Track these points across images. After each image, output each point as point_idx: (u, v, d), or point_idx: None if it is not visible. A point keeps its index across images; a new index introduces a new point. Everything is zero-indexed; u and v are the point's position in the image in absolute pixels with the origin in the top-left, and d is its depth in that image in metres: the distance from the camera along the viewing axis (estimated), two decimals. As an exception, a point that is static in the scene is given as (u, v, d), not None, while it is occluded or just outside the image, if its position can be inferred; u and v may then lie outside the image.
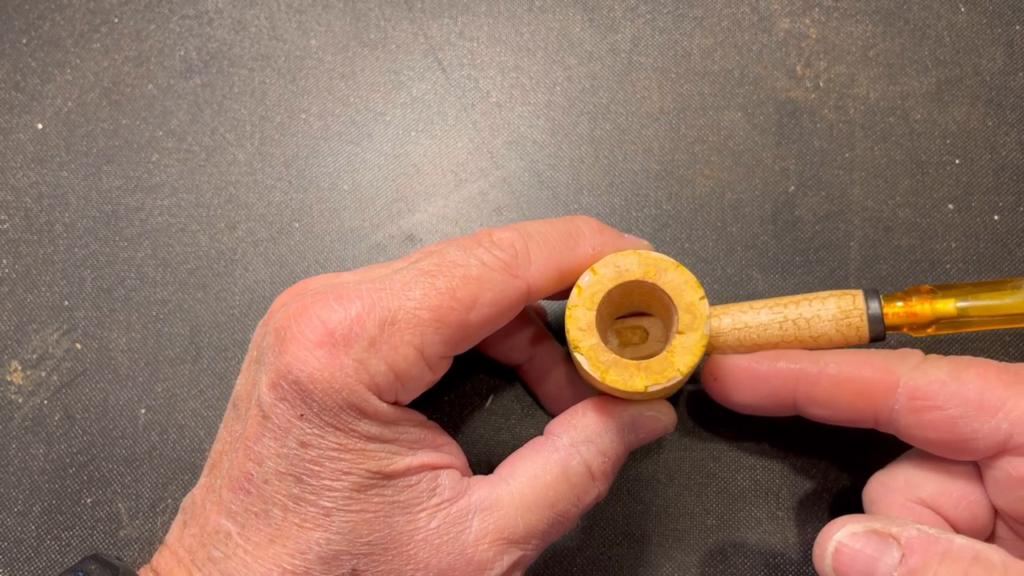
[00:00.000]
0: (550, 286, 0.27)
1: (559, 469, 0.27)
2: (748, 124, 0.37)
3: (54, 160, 0.37)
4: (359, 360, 0.24)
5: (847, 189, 0.37)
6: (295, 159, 0.37)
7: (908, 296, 0.30)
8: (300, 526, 0.24)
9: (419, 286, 0.25)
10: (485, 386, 0.35)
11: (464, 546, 0.25)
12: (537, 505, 0.26)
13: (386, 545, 0.25)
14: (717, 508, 0.34)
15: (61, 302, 0.36)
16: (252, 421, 0.25)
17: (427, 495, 0.25)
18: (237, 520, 0.25)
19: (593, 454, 0.27)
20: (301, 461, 0.24)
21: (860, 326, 0.29)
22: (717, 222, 0.36)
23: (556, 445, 0.27)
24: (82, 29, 0.39)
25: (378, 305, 0.24)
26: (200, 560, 0.25)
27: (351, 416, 0.24)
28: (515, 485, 0.26)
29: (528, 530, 0.26)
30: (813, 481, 0.34)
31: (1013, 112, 0.37)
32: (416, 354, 0.25)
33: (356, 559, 0.24)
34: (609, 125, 0.38)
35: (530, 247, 0.26)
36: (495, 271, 0.25)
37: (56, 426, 0.34)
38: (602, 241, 0.28)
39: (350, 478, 0.24)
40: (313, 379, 0.24)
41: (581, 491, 0.27)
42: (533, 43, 0.38)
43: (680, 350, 0.26)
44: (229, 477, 0.25)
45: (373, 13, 0.39)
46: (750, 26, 0.38)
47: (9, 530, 0.33)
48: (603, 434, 0.28)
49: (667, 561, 0.33)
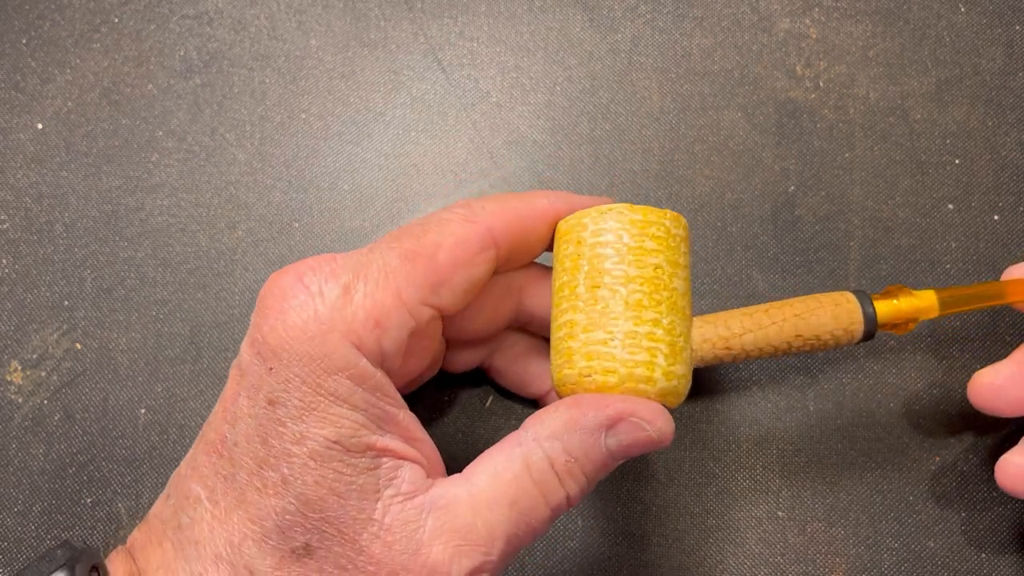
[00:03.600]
0: (512, 232, 0.27)
1: (520, 464, 0.25)
2: (748, 124, 0.37)
3: (54, 160, 0.37)
4: (333, 308, 0.24)
5: (847, 189, 0.37)
6: (295, 159, 0.37)
7: (893, 295, 0.30)
8: (262, 491, 0.24)
9: (384, 243, 0.26)
10: (485, 386, 0.35)
11: (418, 546, 0.24)
12: (496, 503, 0.24)
13: (340, 527, 0.24)
14: (717, 508, 0.34)
15: (61, 302, 0.36)
16: (231, 382, 0.25)
17: (384, 484, 0.24)
18: (207, 484, 0.24)
19: (557, 451, 0.25)
20: (268, 421, 0.24)
21: (853, 327, 0.29)
22: (717, 222, 0.36)
23: (519, 439, 0.25)
24: (82, 29, 0.39)
25: (350, 259, 0.25)
26: (171, 528, 0.24)
27: (322, 370, 0.24)
28: (475, 482, 0.25)
29: (488, 531, 0.24)
30: (813, 481, 0.34)
31: (1013, 112, 0.37)
32: (394, 297, 0.25)
33: (309, 534, 0.23)
34: (609, 125, 0.38)
35: (484, 201, 0.28)
36: (453, 220, 0.27)
37: (56, 426, 0.34)
38: (557, 196, 0.29)
39: (309, 444, 0.24)
40: (286, 326, 0.24)
41: (546, 490, 0.25)
42: (533, 43, 0.38)
43: None
44: (205, 441, 0.25)
45: (373, 13, 0.39)
46: (750, 26, 0.38)
47: (9, 530, 0.33)
48: (572, 432, 0.25)
49: (667, 561, 0.33)
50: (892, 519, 0.34)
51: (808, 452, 0.34)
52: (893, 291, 0.30)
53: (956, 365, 0.35)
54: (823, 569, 0.33)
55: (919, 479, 0.34)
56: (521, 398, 0.34)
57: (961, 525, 0.34)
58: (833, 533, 0.33)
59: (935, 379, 0.35)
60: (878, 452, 0.34)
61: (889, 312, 0.29)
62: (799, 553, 0.33)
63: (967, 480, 0.34)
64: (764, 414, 0.35)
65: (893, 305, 0.30)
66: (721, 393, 0.35)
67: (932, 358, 0.35)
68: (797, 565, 0.33)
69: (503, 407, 0.35)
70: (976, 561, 0.33)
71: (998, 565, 0.33)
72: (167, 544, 0.24)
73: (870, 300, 0.29)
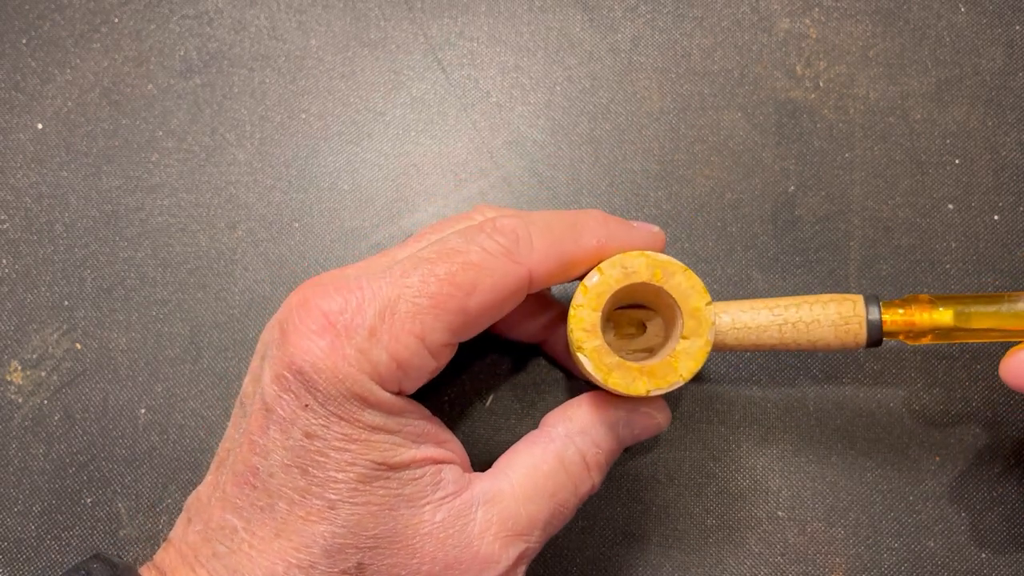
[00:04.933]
0: (553, 274, 0.27)
1: (555, 459, 0.27)
2: (748, 124, 0.37)
3: (54, 160, 0.37)
4: (360, 349, 0.24)
5: (847, 189, 0.37)
6: (295, 159, 0.37)
7: (907, 304, 0.30)
8: (305, 519, 0.24)
9: (418, 273, 0.25)
10: (485, 386, 0.35)
11: (470, 539, 0.25)
12: (537, 495, 0.27)
13: (392, 538, 0.25)
14: (717, 508, 0.34)
15: (61, 302, 0.36)
16: (256, 415, 0.25)
17: (431, 489, 0.26)
18: (242, 515, 0.25)
19: (587, 444, 0.28)
20: (306, 452, 0.24)
21: (859, 332, 0.29)
22: (717, 222, 0.36)
23: (552, 436, 0.28)
24: (82, 29, 0.39)
25: (378, 295, 0.25)
26: (204, 556, 0.25)
27: (355, 406, 0.24)
28: (514, 477, 0.27)
29: (530, 521, 0.26)
30: (813, 481, 0.34)
31: (1013, 112, 0.37)
32: (417, 342, 0.25)
33: (361, 552, 0.24)
34: (609, 125, 0.38)
35: (532, 234, 0.26)
36: (496, 257, 0.25)
37: (56, 426, 0.34)
38: (607, 233, 0.27)
39: (355, 469, 0.24)
40: (317, 368, 0.24)
41: (578, 481, 0.28)
42: (533, 43, 0.38)
43: (684, 356, 0.26)
44: (234, 472, 0.25)
45: (373, 13, 0.39)
46: (750, 26, 0.38)
47: (9, 530, 0.33)
48: (597, 426, 0.28)
49: (667, 561, 0.33)
50: (892, 519, 0.34)
51: (808, 452, 0.34)
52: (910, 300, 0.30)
53: (956, 365, 0.35)
54: (823, 569, 0.33)
55: (919, 479, 0.34)
56: (520, 399, 0.34)
57: (961, 525, 0.34)
58: (833, 533, 0.33)
59: (935, 379, 0.35)
60: (878, 452, 0.34)
61: (896, 322, 0.29)
62: (799, 553, 0.33)
63: (967, 480, 0.34)
64: (764, 414, 0.35)
65: (900, 315, 0.29)
66: (721, 393, 0.35)
67: (932, 358, 0.35)
68: (797, 565, 0.33)
69: (503, 407, 0.35)
70: (976, 561, 0.33)
71: (998, 565, 0.33)
72: (201, 571, 0.25)
73: (879, 306, 0.29)
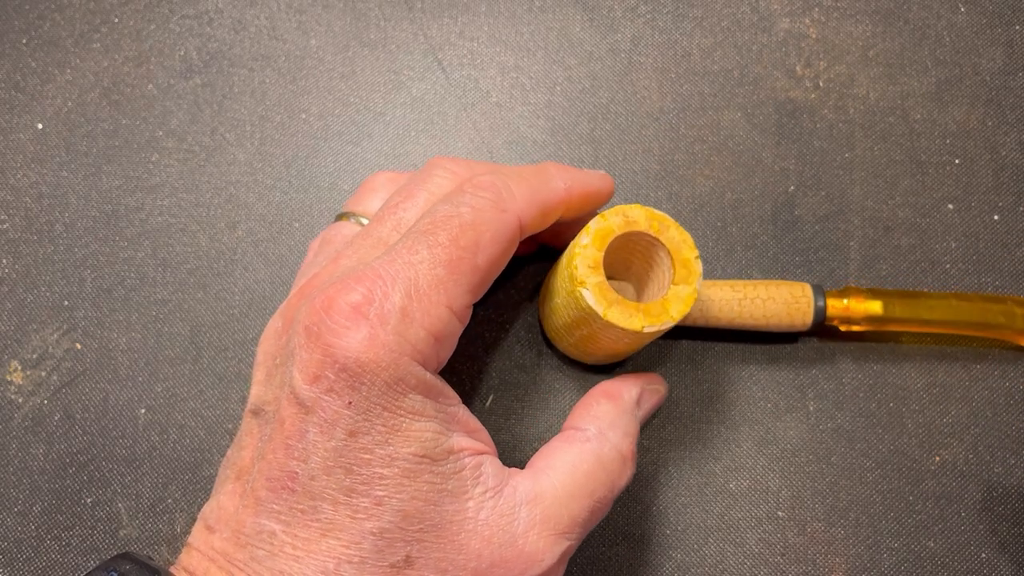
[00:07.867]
0: (535, 220, 0.28)
1: (594, 458, 0.28)
2: (748, 124, 0.37)
3: (54, 160, 0.37)
4: (398, 332, 0.24)
5: (847, 189, 0.37)
6: (295, 159, 0.37)
7: (846, 295, 0.33)
8: (353, 517, 0.24)
9: (424, 246, 0.26)
10: (485, 386, 0.35)
11: (514, 537, 0.26)
12: (579, 494, 0.27)
13: (438, 532, 0.25)
14: (717, 508, 0.34)
15: (61, 302, 0.36)
16: (290, 420, 0.25)
17: (472, 483, 0.26)
18: (280, 519, 0.25)
19: (619, 436, 0.29)
20: (350, 451, 0.24)
21: (807, 312, 0.33)
22: (717, 222, 0.36)
23: (587, 436, 0.29)
24: (82, 29, 0.39)
25: (398, 276, 0.25)
26: (240, 561, 0.25)
27: (398, 392, 0.24)
28: (556, 477, 0.27)
29: (572, 520, 0.27)
30: (813, 481, 0.34)
31: (1013, 112, 0.37)
32: (447, 311, 0.25)
33: (409, 546, 0.24)
34: (609, 125, 0.38)
35: (511, 184, 0.28)
36: (487, 211, 0.27)
37: (56, 426, 0.34)
38: (570, 177, 0.29)
39: (399, 463, 0.24)
40: (360, 362, 0.24)
41: (616, 476, 0.29)
42: (533, 43, 0.38)
43: (675, 299, 0.29)
44: (268, 479, 0.25)
45: (373, 13, 0.39)
46: (750, 26, 0.38)
47: (9, 530, 0.33)
48: (621, 416, 0.30)
49: (667, 561, 0.33)
50: (892, 519, 0.34)
51: (808, 452, 0.34)
52: (848, 292, 0.33)
53: (956, 365, 0.35)
54: (823, 569, 0.33)
55: (919, 479, 0.34)
56: (520, 399, 0.34)
57: (961, 525, 0.34)
58: (833, 533, 0.33)
59: (935, 379, 0.35)
60: (878, 452, 0.34)
61: (836, 308, 0.33)
62: (799, 553, 0.33)
63: (967, 480, 0.34)
64: (764, 414, 0.35)
65: (842, 304, 0.33)
66: (721, 393, 0.35)
67: (932, 358, 0.35)
68: (797, 565, 0.33)
69: (503, 407, 0.35)
70: (976, 561, 0.33)
71: (998, 565, 0.33)
72: (240, 575, 0.25)
73: (823, 294, 0.33)
